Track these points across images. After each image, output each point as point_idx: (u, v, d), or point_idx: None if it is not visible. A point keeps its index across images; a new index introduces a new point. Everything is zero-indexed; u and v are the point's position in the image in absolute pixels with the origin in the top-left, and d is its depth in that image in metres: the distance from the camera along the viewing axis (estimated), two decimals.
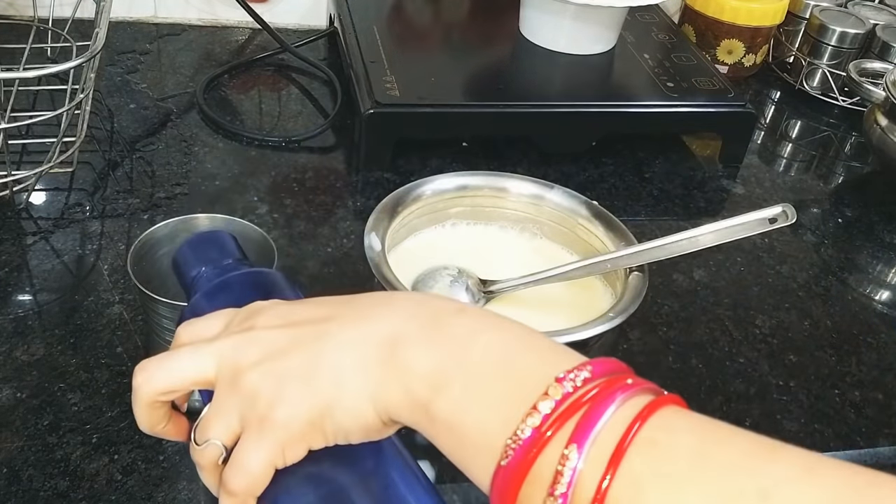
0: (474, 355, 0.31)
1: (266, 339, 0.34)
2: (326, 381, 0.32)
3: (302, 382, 0.33)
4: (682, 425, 0.28)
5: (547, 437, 0.28)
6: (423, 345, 0.32)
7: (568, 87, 0.84)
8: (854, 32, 0.98)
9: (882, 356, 0.66)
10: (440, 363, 0.31)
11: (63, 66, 0.60)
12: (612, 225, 0.59)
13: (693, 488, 0.26)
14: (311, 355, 0.33)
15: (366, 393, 0.32)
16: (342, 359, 0.33)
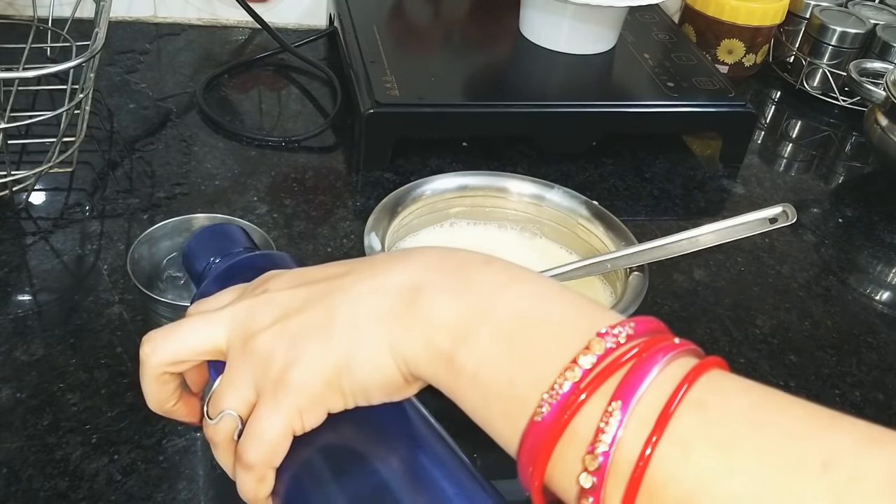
0: (504, 305, 0.29)
1: (279, 300, 0.32)
2: (342, 334, 0.30)
3: (317, 339, 0.31)
4: (733, 388, 0.26)
5: (588, 394, 0.26)
6: (447, 293, 0.30)
7: (568, 87, 0.84)
8: (854, 32, 0.98)
9: (882, 356, 0.66)
10: (466, 312, 0.29)
11: (63, 66, 0.60)
12: (612, 225, 0.59)
13: (749, 453, 0.24)
14: (326, 310, 0.31)
15: (385, 344, 0.30)
16: (358, 310, 0.30)
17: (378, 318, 0.30)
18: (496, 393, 0.28)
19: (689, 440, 0.24)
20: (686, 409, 0.25)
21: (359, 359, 0.30)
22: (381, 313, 0.30)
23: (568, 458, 0.26)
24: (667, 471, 0.24)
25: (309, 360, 0.31)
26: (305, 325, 0.31)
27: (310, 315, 0.31)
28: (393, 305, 0.30)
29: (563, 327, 0.28)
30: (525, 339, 0.28)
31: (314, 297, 0.32)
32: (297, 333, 0.31)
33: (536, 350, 0.27)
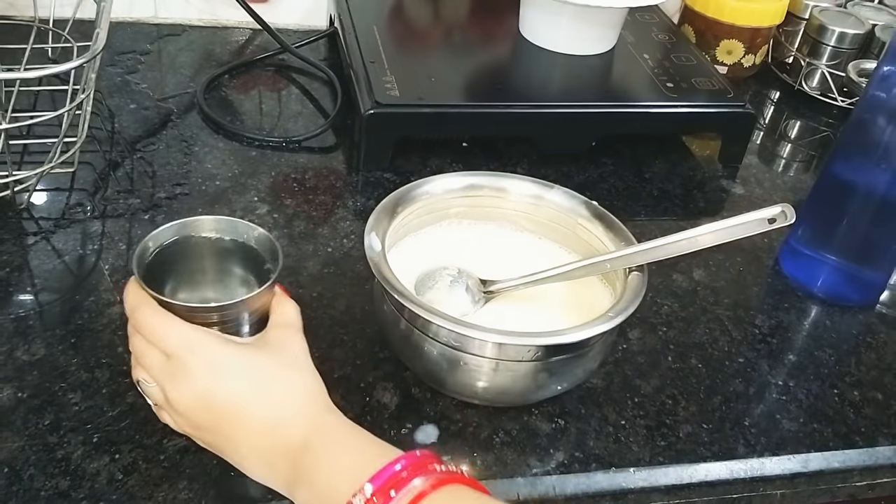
0: (321, 470, 0.43)
1: (182, 422, 0.47)
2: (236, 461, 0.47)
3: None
4: (465, 496, 0.40)
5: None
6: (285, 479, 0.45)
7: (568, 87, 0.85)
8: (853, 33, 0.98)
9: (881, 356, 0.66)
10: (294, 479, 0.44)
11: (64, 67, 0.60)
12: (612, 225, 0.59)
13: None
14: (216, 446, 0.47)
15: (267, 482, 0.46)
16: (249, 467, 0.46)
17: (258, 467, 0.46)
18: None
19: None
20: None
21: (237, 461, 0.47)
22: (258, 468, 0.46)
23: None
24: None
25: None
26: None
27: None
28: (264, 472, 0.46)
29: (346, 479, 0.41)
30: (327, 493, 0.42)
31: (209, 443, 0.48)
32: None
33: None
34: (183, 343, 0.46)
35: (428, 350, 0.53)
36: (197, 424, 0.46)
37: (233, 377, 0.45)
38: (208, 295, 0.54)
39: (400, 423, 0.54)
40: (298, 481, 0.43)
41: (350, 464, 0.42)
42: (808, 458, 0.57)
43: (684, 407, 0.59)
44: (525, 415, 0.56)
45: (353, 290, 0.64)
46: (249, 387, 0.45)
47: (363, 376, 0.57)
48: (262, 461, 0.45)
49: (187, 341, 0.46)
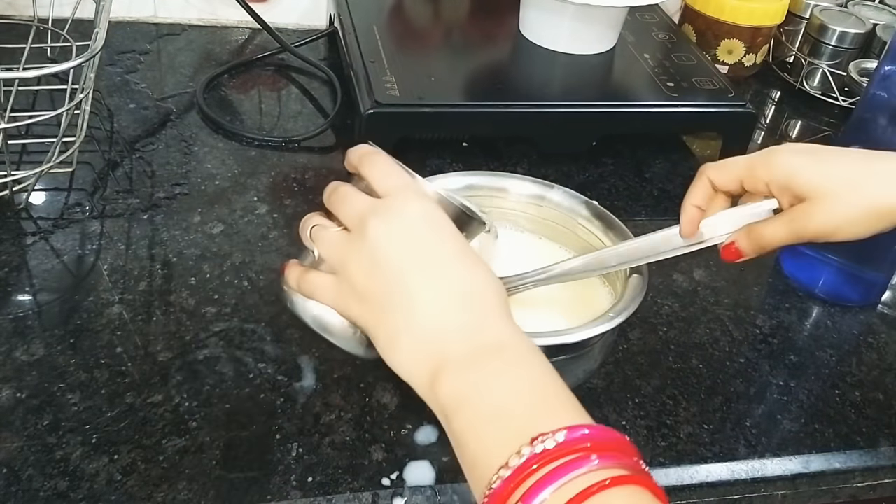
0: (493, 391, 0.37)
1: (354, 282, 0.43)
2: (388, 336, 0.41)
3: (375, 315, 0.42)
4: (641, 502, 0.33)
5: (528, 474, 0.33)
6: (459, 370, 0.38)
7: (568, 87, 0.84)
8: (854, 32, 0.98)
9: (882, 356, 0.66)
10: (464, 388, 0.37)
11: (63, 66, 0.60)
12: (612, 225, 0.59)
13: None
14: (384, 314, 0.41)
15: (409, 374, 0.40)
16: (402, 343, 0.40)
17: (411, 361, 0.40)
18: (467, 461, 0.37)
19: None
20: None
21: (392, 357, 0.40)
22: (414, 362, 0.40)
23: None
24: None
25: (366, 317, 0.42)
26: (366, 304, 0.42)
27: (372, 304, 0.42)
28: (424, 367, 0.39)
29: (517, 425, 0.35)
30: (489, 428, 0.36)
31: (377, 300, 0.42)
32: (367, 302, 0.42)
33: (494, 440, 0.35)
34: (412, 185, 0.44)
35: None
36: (379, 266, 0.41)
37: (449, 234, 0.42)
38: None
39: (400, 423, 0.54)
40: (468, 370, 0.37)
41: (552, 394, 0.37)
42: (810, 458, 0.57)
43: (685, 407, 0.59)
44: None
45: None
46: (461, 252, 0.42)
47: (363, 376, 0.57)
48: (436, 326, 0.39)
49: (416, 186, 0.44)
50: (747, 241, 0.51)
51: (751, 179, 0.51)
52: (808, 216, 0.49)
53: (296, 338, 0.59)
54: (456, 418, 0.37)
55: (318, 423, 0.53)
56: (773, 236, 0.50)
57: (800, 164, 0.49)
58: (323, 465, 0.51)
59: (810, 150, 0.51)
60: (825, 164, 0.49)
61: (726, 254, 0.53)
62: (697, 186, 0.53)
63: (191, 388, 0.54)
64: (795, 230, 0.49)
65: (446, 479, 0.51)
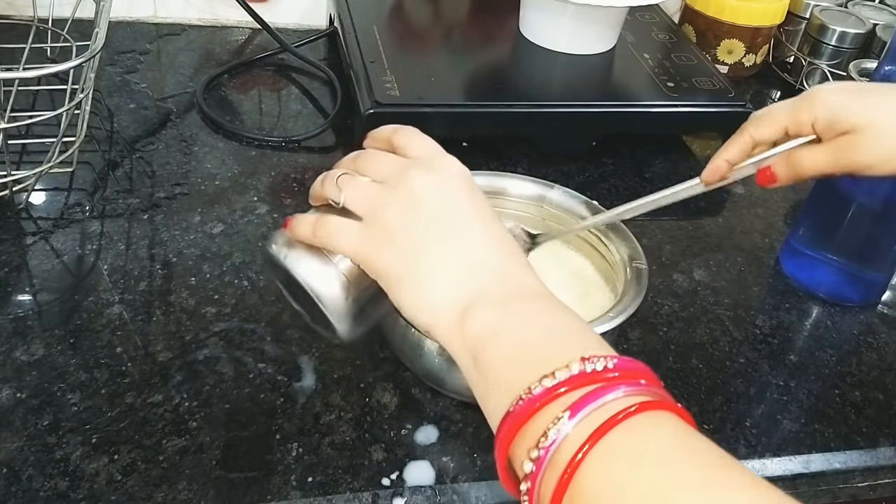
0: (526, 326, 0.36)
1: (390, 225, 0.41)
2: (420, 276, 0.40)
3: (407, 258, 0.40)
4: (668, 424, 0.32)
5: (552, 398, 0.32)
6: (494, 306, 0.38)
7: (568, 87, 0.84)
8: (854, 32, 0.98)
9: (882, 356, 0.66)
10: (497, 322, 0.37)
11: (63, 66, 0.60)
12: (612, 225, 0.59)
13: (647, 474, 0.30)
14: (419, 254, 0.40)
15: (437, 312, 0.39)
16: (437, 279, 0.39)
17: (444, 297, 0.39)
18: (499, 386, 0.35)
19: (612, 456, 0.30)
20: (619, 432, 0.31)
21: (416, 299, 0.40)
22: (446, 298, 0.39)
23: (522, 445, 0.33)
24: (589, 476, 0.30)
25: (393, 258, 0.41)
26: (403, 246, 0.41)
27: (408, 244, 0.41)
28: (455, 302, 0.39)
29: (562, 349, 0.34)
30: (534, 352, 0.35)
31: (418, 240, 0.41)
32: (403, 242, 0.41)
33: (537, 361, 0.34)
34: (445, 153, 0.45)
35: (428, 350, 0.52)
36: (421, 208, 0.41)
37: (484, 197, 0.43)
38: None
39: (400, 423, 0.54)
40: (505, 307, 0.37)
41: (589, 332, 0.37)
42: (810, 458, 0.57)
43: (685, 407, 0.58)
44: None
45: None
46: (495, 213, 0.43)
47: (363, 376, 0.57)
48: (473, 263, 0.40)
49: (450, 157, 0.45)
50: (785, 165, 0.51)
51: (795, 123, 0.51)
52: (853, 147, 0.49)
53: (296, 338, 0.59)
54: (485, 351, 0.36)
55: (318, 423, 0.53)
56: (812, 162, 0.50)
57: (845, 101, 0.49)
58: (323, 465, 0.51)
59: (854, 88, 0.51)
60: (870, 99, 0.50)
61: (761, 178, 0.53)
62: (736, 143, 0.54)
63: (191, 388, 0.54)
64: (837, 159, 0.49)
65: (446, 479, 0.51)
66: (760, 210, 0.81)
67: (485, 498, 0.51)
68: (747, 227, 0.78)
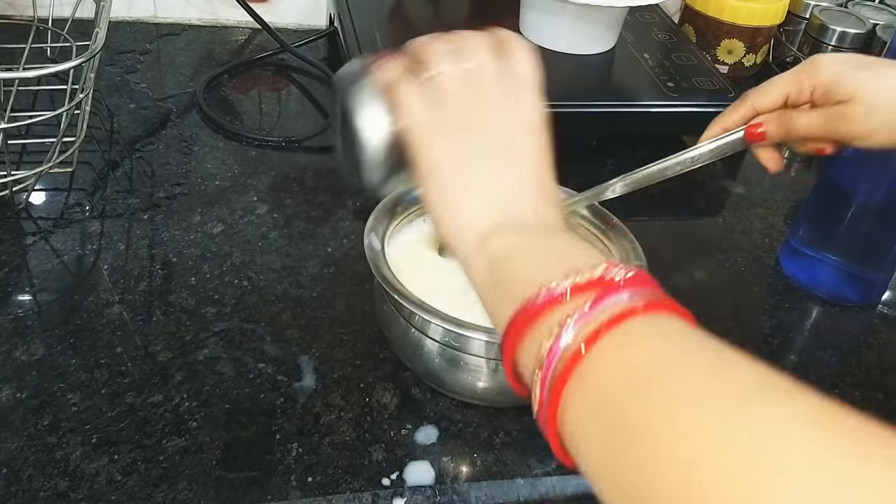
0: (549, 243, 0.37)
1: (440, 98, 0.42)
2: (464, 190, 0.40)
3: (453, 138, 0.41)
4: (685, 323, 0.34)
5: (573, 296, 0.32)
6: (523, 231, 0.38)
7: (568, 87, 0.84)
8: (854, 32, 0.98)
9: (882, 356, 0.66)
10: (522, 242, 0.37)
11: (63, 66, 0.60)
12: (613, 225, 0.59)
13: (662, 354, 0.31)
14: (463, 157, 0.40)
15: (467, 224, 0.39)
16: (480, 199, 0.39)
17: (476, 195, 0.39)
18: (508, 283, 0.35)
19: (626, 339, 0.31)
20: (633, 325, 0.31)
21: (456, 205, 0.40)
22: (478, 197, 0.39)
23: (533, 341, 0.32)
24: (600, 357, 0.30)
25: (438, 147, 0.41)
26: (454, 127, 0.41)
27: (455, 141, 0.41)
28: (487, 219, 0.39)
29: (585, 255, 0.35)
30: (552, 251, 0.36)
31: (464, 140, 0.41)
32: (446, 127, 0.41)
33: (556, 261, 0.35)
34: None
35: (428, 350, 0.52)
36: (511, 117, 0.42)
37: (543, 128, 0.42)
38: None
39: (400, 423, 0.54)
40: (533, 236, 0.38)
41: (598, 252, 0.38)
42: None
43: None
44: (525, 415, 0.56)
45: (352, 290, 0.64)
46: (545, 155, 0.42)
47: (363, 376, 0.57)
48: (516, 200, 0.40)
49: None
50: (777, 123, 0.52)
51: (796, 89, 0.52)
52: (844, 117, 0.50)
53: (296, 338, 0.59)
54: (506, 262, 0.36)
55: (318, 423, 0.53)
56: (806, 123, 0.51)
57: (844, 70, 0.50)
58: (323, 465, 0.51)
59: (854, 60, 0.51)
60: (868, 73, 0.50)
61: (750, 134, 0.53)
62: (736, 110, 0.54)
63: (191, 388, 0.54)
64: (828, 126, 0.50)
65: (446, 479, 0.51)
66: (760, 210, 0.81)
67: (485, 498, 0.51)
68: (747, 227, 0.78)
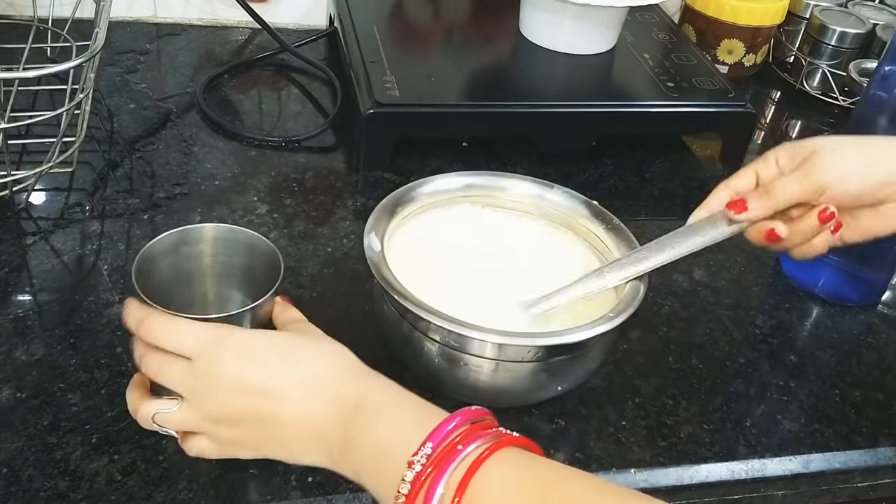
0: (369, 448, 0.41)
1: (219, 438, 0.45)
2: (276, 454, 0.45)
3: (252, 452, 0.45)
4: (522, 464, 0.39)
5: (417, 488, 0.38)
6: (344, 451, 0.42)
7: (568, 87, 0.84)
8: (854, 32, 0.98)
9: (882, 356, 0.66)
10: (354, 462, 0.42)
11: (63, 66, 0.60)
12: (612, 225, 0.59)
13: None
14: (260, 451, 0.45)
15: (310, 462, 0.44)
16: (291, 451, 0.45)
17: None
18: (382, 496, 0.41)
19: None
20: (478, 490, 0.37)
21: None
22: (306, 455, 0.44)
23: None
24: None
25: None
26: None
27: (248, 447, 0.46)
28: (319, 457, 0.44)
29: (397, 463, 0.39)
30: (382, 477, 0.40)
31: (249, 443, 0.45)
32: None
33: (388, 485, 0.39)
34: (206, 339, 0.44)
35: (428, 350, 0.52)
36: (235, 422, 0.44)
37: (262, 356, 0.44)
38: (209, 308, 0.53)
39: None
40: (350, 445, 0.42)
41: (407, 422, 0.41)
42: (810, 458, 0.57)
43: (685, 407, 0.59)
44: (525, 415, 0.56)
45: (352, 290, 0.64)
46: (282, 360, 0.44)
47: None
48: (310, 434, 0.43)
49: (209, 336, 0.44)
50: (758, 199, 0.53)
51: (763, 165, 0.54)
52: (818, 165, 0.51)
53: None
54: (365, 481, 0.42)
55: None
56: (783, 192, 0.52)
57: (799, 140, 0.53)
58: None
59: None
60: (830, 138, 0.53)
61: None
62: (717, 196, 0.58)
63: None
64: (804, 183, 0.51)
65: None
66: None
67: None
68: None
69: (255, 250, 0.51)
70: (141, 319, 0.45)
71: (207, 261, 0.52)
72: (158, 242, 0.49)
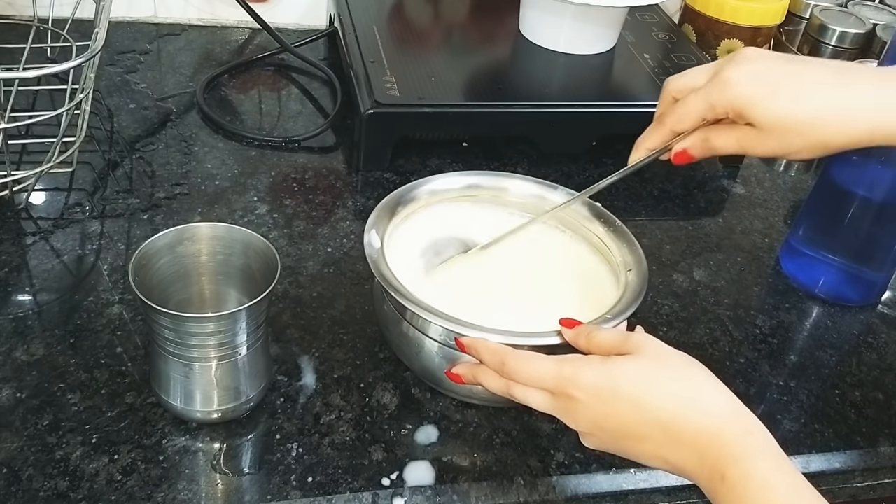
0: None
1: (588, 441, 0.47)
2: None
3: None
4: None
5: None
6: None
7: (568, 87, 0.84)
8: (854, 32, 0.98)
9: (882, 356, 0.66)
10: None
11: (63, 66, 0.60)
12: (613, 225, 0.59)
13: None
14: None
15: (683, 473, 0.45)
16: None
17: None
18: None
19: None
20: None
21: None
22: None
23: None
24: None
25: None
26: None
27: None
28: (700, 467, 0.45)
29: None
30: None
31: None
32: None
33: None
34: (563, 380, 0.45)
35: (428, 350, 0.52)
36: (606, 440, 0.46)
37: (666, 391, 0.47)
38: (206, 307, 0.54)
39: (400, 423, 0.54)
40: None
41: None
42: (810, 458, 0.57)
43: None
44: (525, 415, 0.56)
45: (352, 290, 0.64)
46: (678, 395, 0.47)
47: (363, 376, 0.57)
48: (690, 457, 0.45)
49: (564, 377, 0.45)
50: (700, 148, 0.53)
51: (711, 113, 0.52)
52: (757, 140, 0.50)
53: (296, 338, 0.59)
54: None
55: (318, 423, 0.53)
56: (723, 144, 0.52)
57: (754, 97, 0.49)
58: (323, 465, 0.51)
59: (770, 77, 0.49)
60: (783, 100, 0.49)
61: (677, 158, 0.55)
62: (656, 132, 0.57)
63: None
64: (748, 144, 0.51)
65: (446, 479, 0.51)
66: (760, 210, 0.81)
67: (484, 498, 0.51)
68: (747, 227, 0.78)
69: (251, 249, 0.51)
70: (503, 360, 0.47)
71: (204, 259, 0.52)
72: (156, 241, 0.49)
